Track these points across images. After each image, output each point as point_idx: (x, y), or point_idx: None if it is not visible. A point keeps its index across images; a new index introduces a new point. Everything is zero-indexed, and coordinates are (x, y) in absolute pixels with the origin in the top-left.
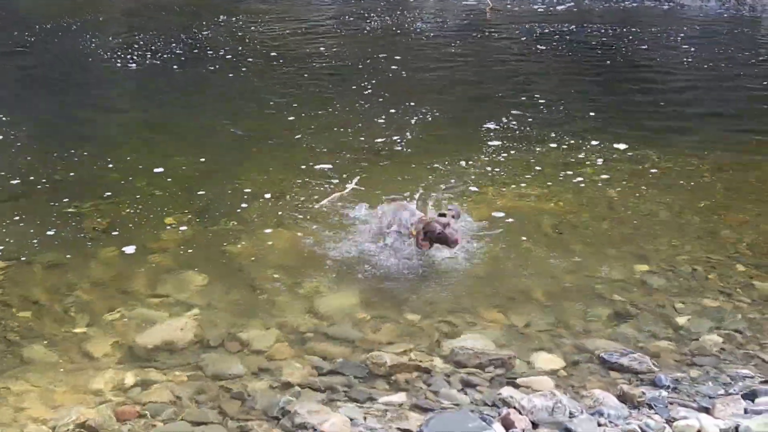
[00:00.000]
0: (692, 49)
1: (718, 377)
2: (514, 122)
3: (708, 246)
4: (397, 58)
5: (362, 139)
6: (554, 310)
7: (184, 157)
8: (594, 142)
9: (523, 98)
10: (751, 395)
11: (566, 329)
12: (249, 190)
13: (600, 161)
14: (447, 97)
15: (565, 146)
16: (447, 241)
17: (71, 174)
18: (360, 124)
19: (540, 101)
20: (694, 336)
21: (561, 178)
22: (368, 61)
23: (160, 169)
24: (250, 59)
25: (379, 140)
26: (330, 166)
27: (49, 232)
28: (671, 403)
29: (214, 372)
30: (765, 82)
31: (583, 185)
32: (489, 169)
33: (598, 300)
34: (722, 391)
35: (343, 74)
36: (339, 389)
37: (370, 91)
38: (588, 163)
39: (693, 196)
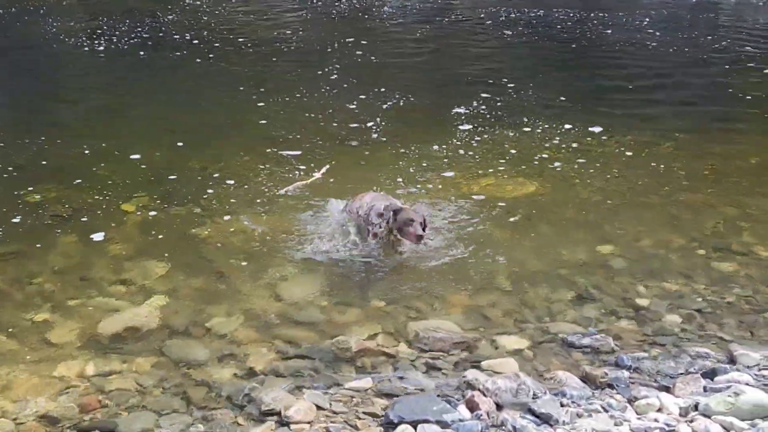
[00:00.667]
0: (657, 33)
1: (679, 357)
2: (484, 107)
3: (670, 229)
4: (364, 42)
5: (335, 124)
6: (519, 293)
7: (153, 143)
8: (567, 126)
9: (491, 82)
10: (710, 374)
11: (530, 312)
12: (216, 176)
13: (574, 145)
14: (416, 82)
15: (539, 130)
16: (409, 236)
17: (43, 162)
18: (330, 110)
19: (509, 85)
20: (655, 317)
21: (531, 162)
22: (336, 46)
23: (137, 156)
24: (217, 44)
25: (350, 126)
26: (298, 152)
27: (14, 220)
28: (633, 383)
29: (178, 359)
30: (727, 66)
31: (558, 169)
32: (462, 153)
33: (562, 283)
34: (683, 370)
35: (311, 59)
36: (304, 375)
37: (337, 76)
38: (562, 147)
39: (658, 179)
